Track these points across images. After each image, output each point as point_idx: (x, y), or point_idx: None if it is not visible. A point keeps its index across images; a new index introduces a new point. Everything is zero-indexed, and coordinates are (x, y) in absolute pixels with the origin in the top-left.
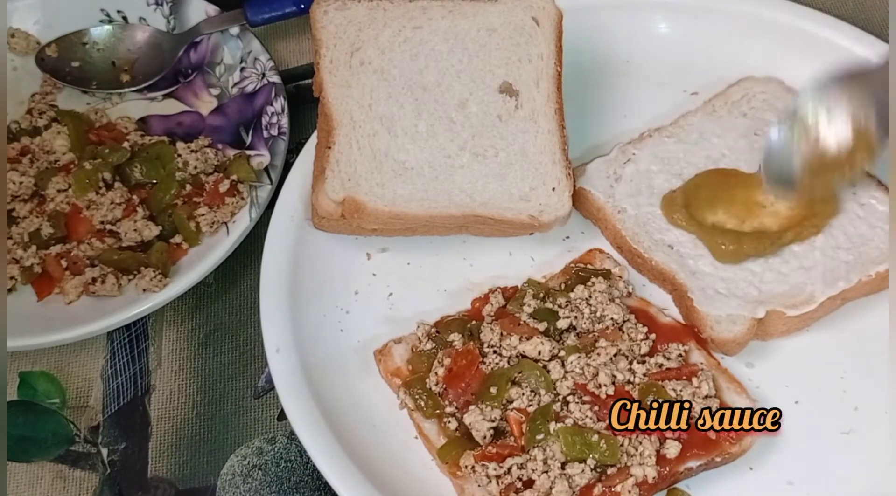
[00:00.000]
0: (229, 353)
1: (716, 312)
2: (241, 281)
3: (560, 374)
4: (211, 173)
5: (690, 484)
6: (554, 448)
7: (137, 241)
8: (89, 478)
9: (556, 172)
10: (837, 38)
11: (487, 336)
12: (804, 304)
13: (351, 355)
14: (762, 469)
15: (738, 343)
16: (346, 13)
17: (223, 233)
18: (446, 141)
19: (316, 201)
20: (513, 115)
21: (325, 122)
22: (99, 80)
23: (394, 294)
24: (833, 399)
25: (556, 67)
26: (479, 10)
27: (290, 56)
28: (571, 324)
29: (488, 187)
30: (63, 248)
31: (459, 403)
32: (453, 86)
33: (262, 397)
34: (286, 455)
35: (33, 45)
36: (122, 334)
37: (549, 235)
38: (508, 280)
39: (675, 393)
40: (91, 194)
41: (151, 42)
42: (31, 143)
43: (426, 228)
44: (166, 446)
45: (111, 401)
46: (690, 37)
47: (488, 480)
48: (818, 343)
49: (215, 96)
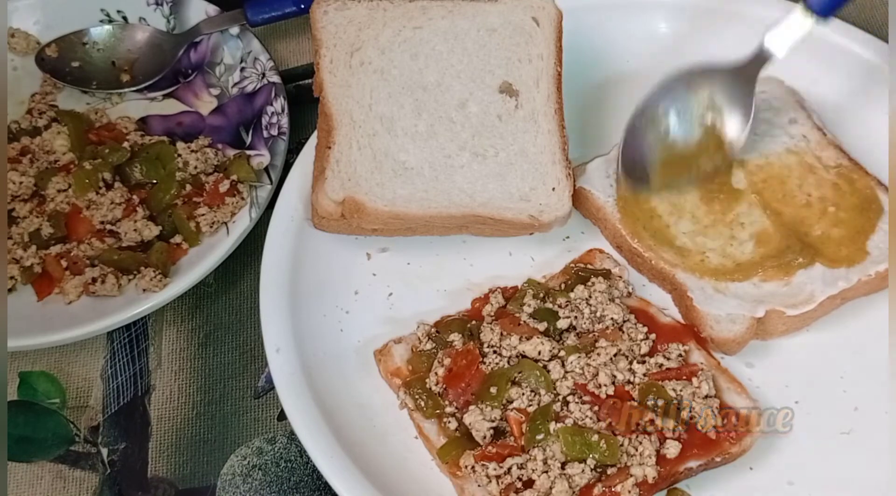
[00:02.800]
0: (229, 353)
1: (715, 312)
2: (241, 281)
3: (560, 374)
4: (211, 173)
5: (690, 484)
6: (554, 448)
7: (137, 241)
8: (89, 478)
9: (556, 172)
10: (837, 38)
11: (487, 336)
12: (804, 304)
13: (351, 355)
14: (762, 469)
15: (738, 342)
16: (346, 13)
17: (223, 233)
18: (446, 141)
19: (316, 201)
20: (513, 115)
21: (325, 122)
22: (99, 80)
23: (394, 294)
24: (833, 399)
25: (556, 67)
26: (479, 10)
27: (290, 56)
28: (571, 324)
29: (488, 187)
30: (63, 248)
31: (459, 403)
32: (453, 86)
33: (262, 397)
34: (286, 455)
35: (33, 45)
36: (122, 334)
37: (549, 235)
38: (508, 280)
39: (675, 393)
40: (91, 194)
41: (151, 42)
42: (31, 143)
43: (426, 228)
44: (166, 446)
45: (111, 401)
46: (690, 37)
47: (488, 480)
48: (818, 343)
49: (215, 96)
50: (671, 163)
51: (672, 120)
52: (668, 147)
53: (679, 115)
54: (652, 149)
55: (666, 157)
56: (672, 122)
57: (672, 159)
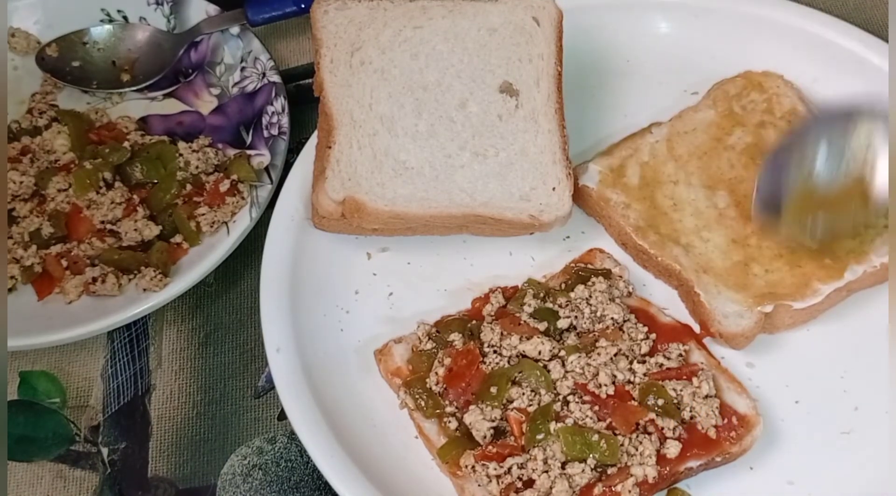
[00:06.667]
0: (229, 353)
1: (723, 307)
2: (242, 281)
3: (560, 374)
4: (211, 173)
5: (690, 484)
6: (554, 448)
7: (138, 241)
8: (89, 477)
9: (557, 172)
10: (838, 38)
11: (488, 336)
12: (811, 297)
13: (351, 355)
14: (762, 469)
15: (746, 337)
16: (347, 13)
17: (223, 232)
18: (446, 140)
19: (316, 201)
20: (513, 114)
21: (326, 121)
22: (99, 79)
23: (394, 294)
24: (833, 399)
25: (557, 67)
26: (480, 10)
27: (291, 56)
28: (572, 324)
29: (488, 187)
30: (63, 248)
31: (460, 403)
32: (454, 85)
33: (263, 397)
34: (286, 455)
35: (34, 45)
36: (122, 334)
37: (549, 235)
38: (509, 280)
39: (675, 393)
40: (91, 194)
41: (152, 41)
42: (32, 143)
43: (426, 228)
44: (166, 446)
45: (111, 400)
46: (690, 37)
47: (488, 480)
48: (818, 342)
49: (216, 96)
50: (809, 202)
51: (822, 155)
52: (810, 185)
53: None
54: (792, 182)
55: (803, 194)
56: (821, 158)
57: (810, 198)
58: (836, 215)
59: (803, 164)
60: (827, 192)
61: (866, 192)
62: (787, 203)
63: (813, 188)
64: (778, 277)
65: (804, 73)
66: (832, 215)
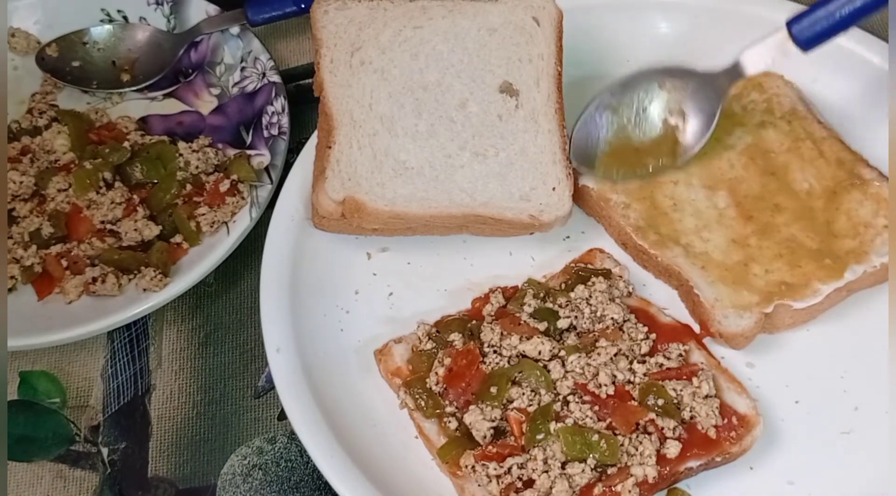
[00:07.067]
0: (229, 353)
1: (723, 307)
2: (242, 281)
3: (560, 374)
4: (211, 173)
5: (690, 484)
6: (554, 448)
7: (138, 241)
8: (89, 477)
9: (557, 172)
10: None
11: (488, 336)
12: (811, 297)
13: (351, 355)
14: (762, 469)
15: (746, 337)
16: (347, 13)
17: (223, 232)
18: (446, 140)
19: (316, 201)
20: (513, 114)
21: (326, 121)
22: (99, 79)
23: (394, 294)
24: (833, 399)
25: (557, 67)
26: (480, 10)
27: (291, 56)
28: (572, 324)
29: (488, 187)
30: (63, 248)
31: (459, 403)
32: (453, 85)
33: (263, 397)
34: (286, 454)
35: (34, 45)
36: (122, 334)
37: (549, 235)
38: (509, 280)
39: (675, 393)
40: (91, 194)
41: (152, 41)
42: (32, 143)
43: (426, 228)
44: (166, 446)
45: (111, 400)
46: (690, 37)
47: (488, 480)
48: (818, 343)
49: (216, 96)
50: (621, 153)
51: (635, 112)
52: (624, 137)
53: (644, 109)
54: (606, 135)
55: (617, 147)
56: (635, 114)
57: (623, 150)
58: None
59: (619, 115)
60: (640, 140)
61: (676, 139)
62: (602, 151)
63: (627, 136)
64: (778, 277)
65: (804, 73)
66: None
